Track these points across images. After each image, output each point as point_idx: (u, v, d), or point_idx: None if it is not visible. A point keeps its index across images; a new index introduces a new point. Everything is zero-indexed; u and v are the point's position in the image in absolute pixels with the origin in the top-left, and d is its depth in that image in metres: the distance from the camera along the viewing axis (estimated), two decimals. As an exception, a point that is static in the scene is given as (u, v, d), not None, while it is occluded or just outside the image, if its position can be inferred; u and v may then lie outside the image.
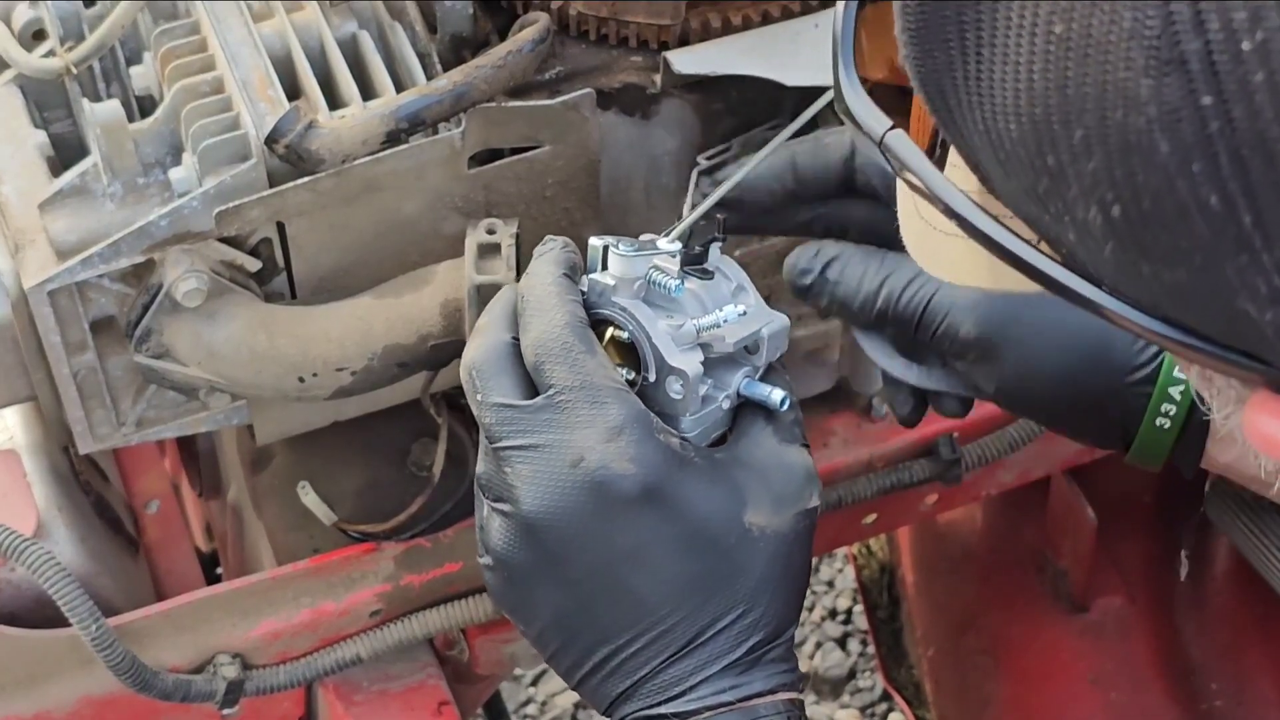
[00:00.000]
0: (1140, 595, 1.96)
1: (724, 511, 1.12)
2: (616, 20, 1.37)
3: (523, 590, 1.14)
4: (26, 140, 1.37)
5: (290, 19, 1.38)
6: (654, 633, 1.11)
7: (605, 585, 1.11)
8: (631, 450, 1.09)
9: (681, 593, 1.11)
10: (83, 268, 1.29)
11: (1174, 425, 1.24)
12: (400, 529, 1.48)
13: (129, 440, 1.41)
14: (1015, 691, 1.99)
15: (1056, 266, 0.77)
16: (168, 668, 1.43)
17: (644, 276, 1.16)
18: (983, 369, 1.25)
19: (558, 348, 1.11)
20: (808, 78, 1.34)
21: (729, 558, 1.11)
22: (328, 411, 1.45)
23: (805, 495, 1.15)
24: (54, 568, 1.34)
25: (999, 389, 1.26)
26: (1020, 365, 1.24)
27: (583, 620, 1.12)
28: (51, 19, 1.39)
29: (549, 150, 1.34)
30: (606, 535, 1.10)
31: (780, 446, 1.16)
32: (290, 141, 1.27)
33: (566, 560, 1.11)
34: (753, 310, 1.18)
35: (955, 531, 2.08)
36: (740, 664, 1.11)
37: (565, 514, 1.10)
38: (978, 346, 1.24)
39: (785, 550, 1.13)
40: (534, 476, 1.10)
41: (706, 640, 1.11)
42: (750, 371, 1.18)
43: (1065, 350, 1.24)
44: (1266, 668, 1.88)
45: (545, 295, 1.13)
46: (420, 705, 1.53)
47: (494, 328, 1.15)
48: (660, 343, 1.15)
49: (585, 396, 1.10)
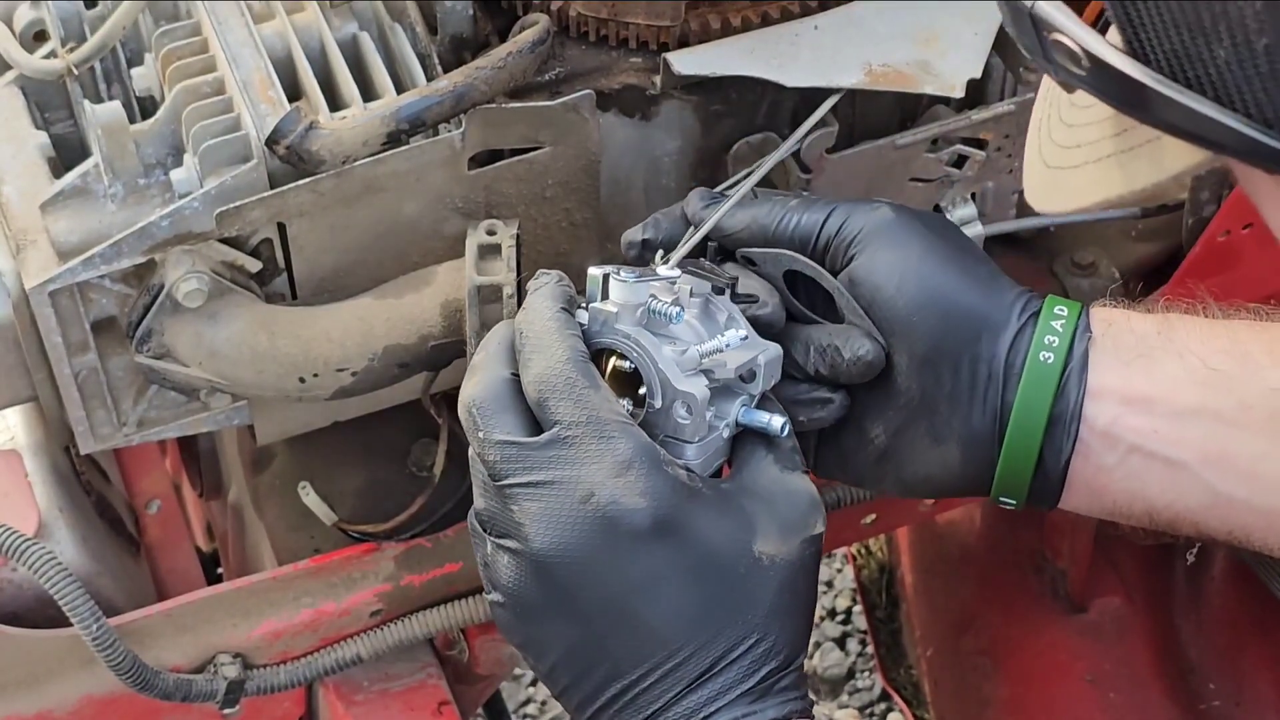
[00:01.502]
0: (1138, 596, 1.96)
1: (734, 541, 1.12)
2: (616, 21, 1.37)
3: (533, 626, 1.13)
4: (28, 141, 1.38)
5: (291, 20, 1.38)
6: (668, 665, 1.11)
7: (618, 619, 1.11)
8: (641, 484, 1.10)
9: (694, 624, 1.11)
10: (84, 268, 1.29)
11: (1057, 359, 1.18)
12: (401, 529, 1.48)
13: (130, 440, 1.41)
14: (1013, 691, 1.99)
15: (1214, 106, 0.82)
16: (169, 667, 1.43)
17: (645, 304, 1.16)
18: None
19: (561, 383, 1.11)
20: (808, 79, 1.35)
21: (740, 587, 1.12)
22: (328, 412, 1.45)
23: (811, 522, 1.15)
24: (55, 568, 1.34)
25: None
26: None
27: (595, 655, 1.12)
28: (53, 20, 1.40)
29: (549, 151, 1.35)
30: (619, 569, 1.10)
31: (783, 474, 1.17)
32: (291, 142, 1.27)
33: (578, 596, 1.11)
34: (749, 339, 1.19)
35: (954, 532, 2.08)
36: (753, 692, 1.11)
37: (576, 550, 1.10)
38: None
39: (794, 578, 1.13)
40: (543, 513, 1.10)
41: (720, 670, 1.11)
42: (747, 400, 1.18)
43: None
44: (1264, 668, 1.88)
45: (545, 331, 1.13)
46: (420, 705, 1.53)
47: (492, 364, 1.15)
48: (667, 368, 1.15)
49: (592, 432, 1.10)
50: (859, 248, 1.21)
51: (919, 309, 1.19)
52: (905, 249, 1.20)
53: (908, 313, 1.19)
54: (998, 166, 1.47)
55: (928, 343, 1.19)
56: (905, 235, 1.21)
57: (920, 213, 1.24)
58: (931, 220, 1.24)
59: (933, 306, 1.19)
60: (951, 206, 1.48)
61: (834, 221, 1.22)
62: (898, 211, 1.22)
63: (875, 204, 1.23)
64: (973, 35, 1.38)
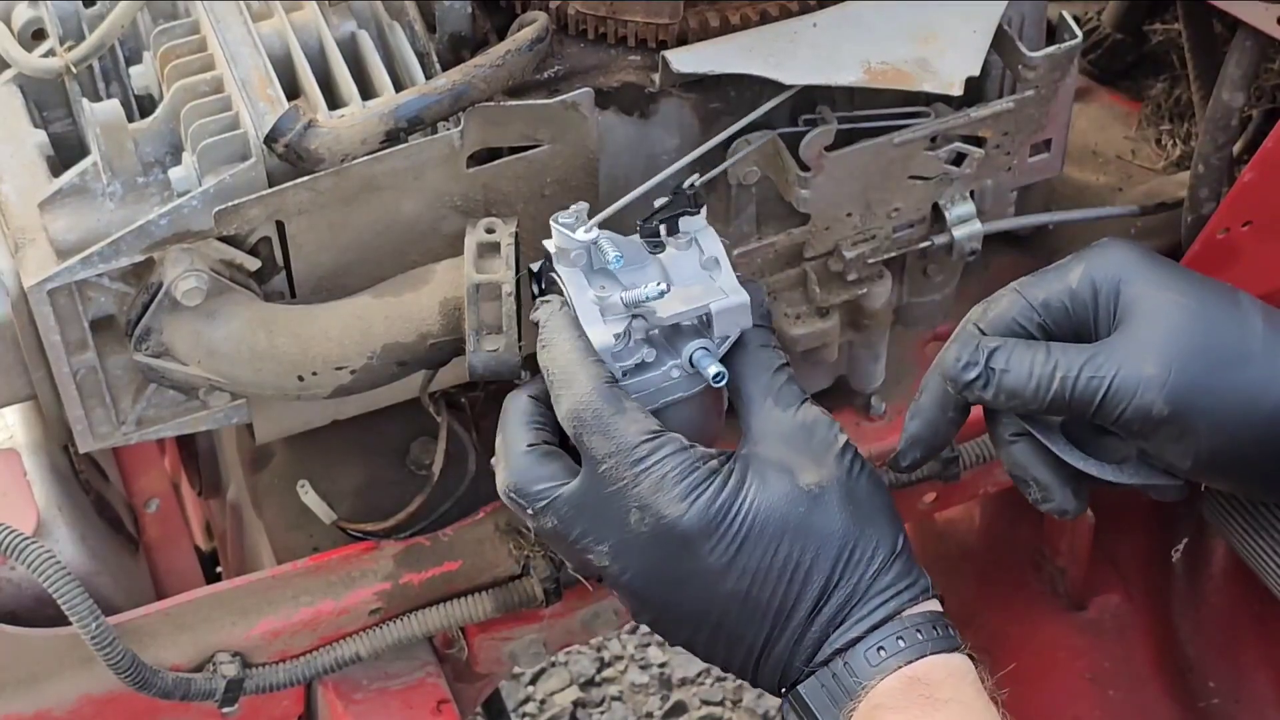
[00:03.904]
0: (1138, 593, 1.96)
1: (782, 492, 1.21)
2: (615, 19, 1.37)
3: (660, 628, 1.26)
4: (26, 140, 1.38)
5: (289, 19, 1.38)
6: (783, 621, 1.20)
7: (720, 605, 1.21)
8: (677, 490, 1.20)
9: (789, 575, 1.20)
10: (82, 267, 1.29)
11: None
12: (399, 527, 1.48)
13: (129, 439, 1.41)
14: (1012, 689, 1.99)
15: None
16: (168, 666, 1.43)
17: (582, 246, 1.24)
18: (1176, 447, 1.22)
19: (590, 417, 1.21)
20: (806, 76, 1.35)
21: (809, 523, 1.20)
22: (327, 410, 1.45)
23: (832, 438, 1.24)
24: (54, 566, 1.34)
25: (1195, 464, 1.23)
26: (1216, 437, 1.21)
27: (715, 640, 1.23)
28: (51, 19, 1.40)
29: (548, 149, 1.35)
30: (698, 569, 1.21)
31: (786, 413, 1.25)
32: (289, 141, 1.27)
33: (679, 604, 1.22)
34: (713, 285, 1.25)
35: (953, 530, 2.08)
36: (867, 601, 1.20)
37: (654, 569, 1.21)
38: (1171, 423, 1.20)
39: (850, 488, 1.22)
40: (612, 551, 1.22)
41: (831, 597, 1.20)
42: (709, 344, 1.25)
43: (1262, 414, 1.20)
44: (1263, 665, 1.88)
45: (569, 364, 1.23)
46: (419, 704, 1.53)
47: (512, 443, 1.25)
48: (583, 309, 1.24)
49: (625, 460, 1.20)
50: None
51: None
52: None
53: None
54: (996, 164, 1.47)
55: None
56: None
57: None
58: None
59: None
60: (950, 204, 1.48)
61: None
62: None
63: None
64: (971, 33, 1.38)
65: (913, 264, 1.53)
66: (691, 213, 1.27)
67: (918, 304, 1.58)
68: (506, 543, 1.50)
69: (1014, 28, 1.43)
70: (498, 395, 1.59)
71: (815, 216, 1.44)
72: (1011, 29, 1.42)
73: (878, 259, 1.48)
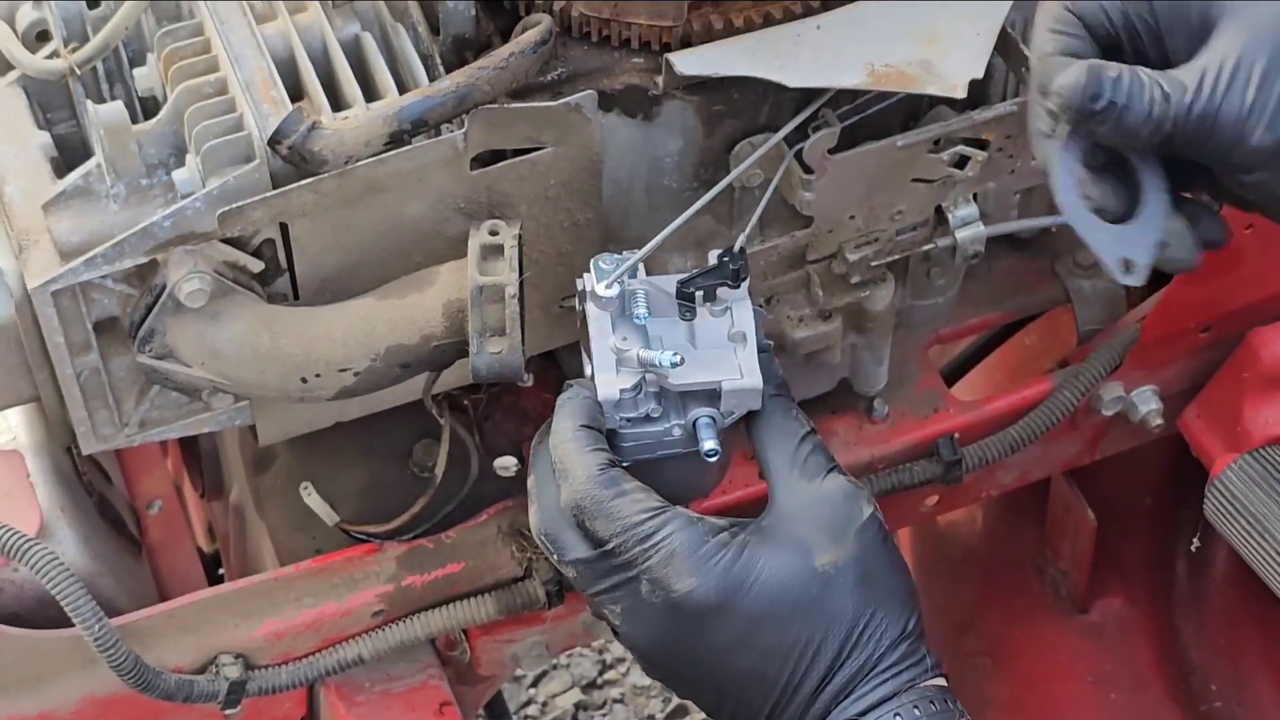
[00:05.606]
0: (1140, 596, 1.96)
1: (796, 570, 1.22)
2: (619, 22, 1.37)
3: (671, 687, 1.29)
4: (30, 141, 1.38)
5: (293, 20, 1.38)
6: (790, 693, 1.22)
7: (728, 677, 1.23)
8: (686, 565, 1.21)
9: (797, 654, 1.21)
10: (86, 268, 1.29)
11: None
12: (402, 530, 1.48)
13: (132, 441, 1.41)
14: (1015, 692, 1.99)
15: None
16: (170, 668, 1.43)
17: (615, 294, 1.26)
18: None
19: (589, 504, 1.23)
20: (810, 79, 1.35)
21: (820, 605, 1.21)
22: (330, 412, 1.45)
23: (855, 513, 1.24)
24: (57, 568, 1.34)
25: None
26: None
27: (721, 703, 1.25)
28: (55, 20, 1.40)
29: (551, 151, 1.35)
30: (706, 642, 1.22)
31: (811, 484, 1.25)
32: (293, 143, 1.27)
33: (688, 671, 1.25)
34: (732, 360, 1.26)
35: (955, 533, 2.08)
36: (874, 677, 1.21)
37: (662, 638, 1.23)
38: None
39: (866, 569, 1.23)
40: (623, 614, 1.24)
41: (836, 673, 1.21)
42: (714, 417, 1.27)
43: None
44: (1265, 668, 1.88)
45: (566, 454, 1.25)
46: (422, 706, 1.53)
47: (544, 487, 1.28)
48: (598, 355, 1.25)
49: (630, 538, 1.22)
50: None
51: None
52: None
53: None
54: (1000, 167, 1.47)
55: None
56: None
57: None
58: None
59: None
60: (953, 207, 1.48)
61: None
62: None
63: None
64: (975, 35, 1.38)
65: (915, 267, 1.53)
66: (731, 285, 1.28)
67: (920, 306, 1.58)
68: (509, 545, 1.50)
69: (1018, 30, 1.43)
70: (500, 397, 1.60)
71: (819, 219, 1.44)
72: (1015, 31, 1.42)
73: (881, 261, 1.48)
